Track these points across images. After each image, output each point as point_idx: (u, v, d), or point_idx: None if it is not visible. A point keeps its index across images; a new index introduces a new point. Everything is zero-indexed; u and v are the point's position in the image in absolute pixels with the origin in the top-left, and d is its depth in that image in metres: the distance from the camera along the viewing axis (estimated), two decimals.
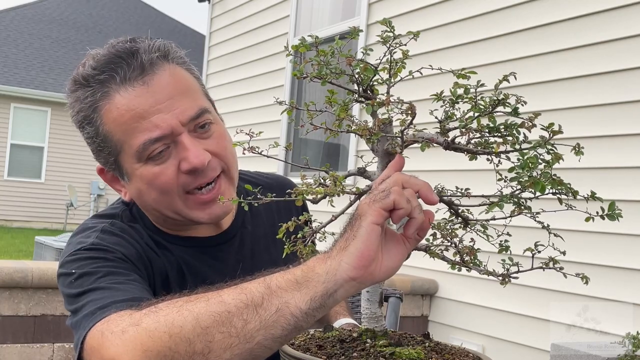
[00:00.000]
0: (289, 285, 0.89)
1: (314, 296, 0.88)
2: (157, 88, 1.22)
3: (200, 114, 1.25)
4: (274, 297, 0.89)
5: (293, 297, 0.88)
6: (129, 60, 1.22)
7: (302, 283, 0.89)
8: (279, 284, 0.90)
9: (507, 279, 0.96)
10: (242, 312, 0.90)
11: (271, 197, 0.97)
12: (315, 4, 6.20)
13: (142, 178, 1.25)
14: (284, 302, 0.89)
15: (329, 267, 0.88)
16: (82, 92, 1.25)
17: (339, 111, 0.93)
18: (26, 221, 16.25)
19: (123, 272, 1.18)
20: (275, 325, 0.89)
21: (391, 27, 0.91)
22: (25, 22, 18.89)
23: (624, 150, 3.36)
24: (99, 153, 1.29)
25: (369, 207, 0.88)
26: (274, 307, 0.89)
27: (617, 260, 3.33)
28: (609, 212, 0.87)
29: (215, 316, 0.90)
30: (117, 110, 1.21)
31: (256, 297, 0.90)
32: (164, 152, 1.23)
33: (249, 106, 6.77)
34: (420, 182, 0.91)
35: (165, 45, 1.28)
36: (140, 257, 1.26)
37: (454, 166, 3.77)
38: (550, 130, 0.87)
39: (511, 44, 3.99)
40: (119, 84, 1.22)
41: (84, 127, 1.28)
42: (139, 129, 1.21)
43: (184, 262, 1.32)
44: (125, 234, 1.28)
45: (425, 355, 0.91)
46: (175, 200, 1.25)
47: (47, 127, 16.46)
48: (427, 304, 4.46)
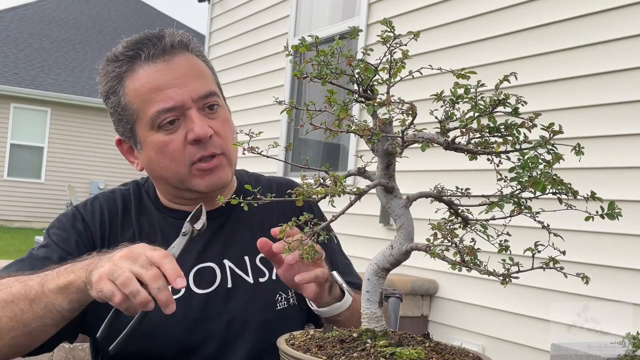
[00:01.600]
0: (54, 290, 1.20)
1: (72, 300, 1.20)
2: (175, 67, 1.40)
3: (209, 95, 1.42)
4: (43, 297, 1.20)
5: (57, 298, 1.20)
6: (155, 42, 1.41)
7: (63, 290, 1.19)
8: (49, 287, 1.20)
9: (508, 279, 0.96)
10: (19, 303, 1.21)
11: (271, 197, 0.97)
12: (315, 4, 6.20)
13: (153, 145, 1.41)
14: (50, 302, 1.20)
15: (78, 286, 1.19)
16: (111, 66, 1.43)
17: (338, 111, 0.93)
18: (26, 221, 16.25)
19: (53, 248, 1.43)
20: (45, 317, 1.21)
21: (391, 27, 0.91)
22: (25, 22, 18.89)
23: (624, 150, 3.36)
24: (119, 122, 1.46)
25: (96, 284, 1.15)
26: (42, 304, 1.20)
27: (617, 260, 3.33)
28: (609, 212, 0.87)
29: (1, 303, 1.22)
30: (139, 82, 1.39)
31: (31, 293, 1.21)
32: (174, 123, 1.39)
33: (248, 106, 6.77)
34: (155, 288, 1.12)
35: (188, 36, 1.47)
36: (102, 229, 1.47)
37: (454, 166, 3.77)
38: (550, 130, 0.87)
39: (511, 44, 3.99)
40: (143, 60, 1.40)
41: (109, 98, 1.45)
42: (155, 99, 1.38)
43: (160, 228, 1.49)
44: (107, 200, 1.50)
45: (426, 356, 0.91)
46: (180, 168, 1.41)
47: (47, 127, 16.47)
48: (427, 304, 4.46)
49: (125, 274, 1.10)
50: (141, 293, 1.10)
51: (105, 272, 1.13)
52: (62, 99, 16.36)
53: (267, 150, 0.96)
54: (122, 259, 1.15)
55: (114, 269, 1.12)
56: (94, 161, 16.89)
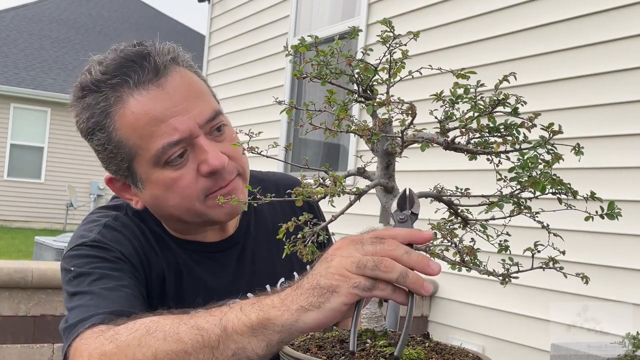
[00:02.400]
0: (245, 331, 0.91)
1: (270, 343, 0.91)
2: (171, 90, 1.20)
3: (216, 116, 1.24)
4: (230, 341, 0.92)
5: (250, 342, 0.91)
6: (141, 64, 1.20)
7: (257, 330, 0.91)
8: (235, 328, 0.92)
9: (508, 279, 0.96)
10: (198, 353, 0.93)
11: (271, 197, 0.97)
12: (315, 4, 6.20)
13: (159, 183, 1.23)
14: (241, 347, 0.92)
15: (285, 321, 0.89)
16: (93, 97, 1.21)
17: (338, 111, 0.93)
18: (26, 221, 16.25)
19: (117, 275, 1.19)
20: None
21: (391, 27, 0.91)
22: (25, 22, 18.89)
23: (624, 150, 3.36)
24: (110, 160, 1.26)
25: (345, 283, 0.86)
26: (230, 350, 0.92)
27: (617, 260, 3.33)
28: (609, 212, 0.87)
29: (171, 355, 0.94)
30: (133, 115, 1.19)
31: (212, 339, 0.92)
32: (182, 156, 1.21)
33: (248, 106, 6.77)
34: (415, 259, 0.87)
35: (174, 48, 1.26)
36: (138, 256, 1.26)
37: (453, 166, 3.77)
38: (550, 130, 0.87)
39: (511, 44, 3.99)
40: (132, 87, 1.19)
41: (94, 134, 1.24)
42: (157, 132, 1.19)
43: (184, 265, 1.31)
44: (126, 231, 1.28)
45: (426, 356, 0.91)
46: (194, 204, 1.24)
47: (47, 127, 16.47)
48: (427, 304, 4.46)
49: (385, 261, 0.86)
50: (409, 272, 0.87)
51: (345, 266, 0.87)
52: (62, 99, 16.34)
53: (267, 150, 0.96)
54: (351, 247, 0.89)
55: (359, 259, 0.87)
56: (94, 161, 16.81)
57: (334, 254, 0.89)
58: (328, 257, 0.90)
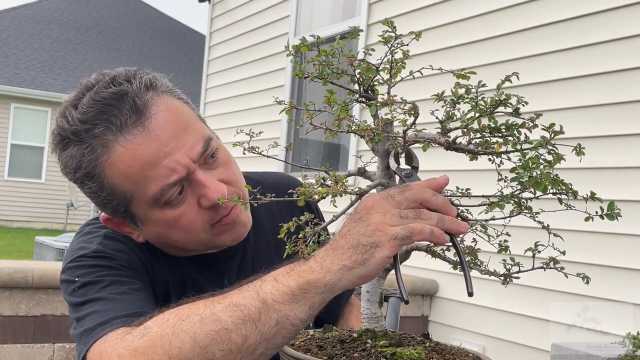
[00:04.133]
0: (286, 298, 0.91)
1: (313, 305, 0.91)
2: (158, 130, 1.15)
3: (208, 144, 1.20)
4: (271, 311, 0.91)
5: (292, 309, 0.91)
6: (119, 106, 1.14)
7: (298, 295, 0.91)
8: (275, 298, 0.91)
9: (509, 279, 0.96)
10: (240, 328, 0.92)
11: (270, 197, 0.97)
12: (316, 4, 6.20)
13: (161, 222, 1.20)
14: (284, 315, 0.91)
15: (328, 282, 0.90)
16: (77, 149, 1.16)
17: (339, 111, 0.93)
18: (26, 221, 16.25)
19: (127, 280, 1.17)
20: (277, 336, 0.92)
21: (393, 27, 0.91)
22: (25, 22, 18.89)
23: (624, 150, 3.36)
24: (106, 205, 1.22)
25: (385, 237, 0.88)
26: (273, 320, 0.91)
27: (617, 260, 3.33)
28: (609, 212, 0.88)
29: (212, 334, 0.92)
30: (123, 163, 1.14)
31: (253, 312, 0.92)
32: (181, 193, 1.18)
33: (249, 106, 6.77)
34: (442, 200, 0.91)
35: (150, 78, 1.19)
36: (143, 264, 1.24)
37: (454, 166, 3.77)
38: (551, 131, 0.87)
39: (511, 44, 3.99)
40: (116, 133, 1.13)
41: (84, 183, 1.20)
42: (152, 176, 1.15)
43: (187, 275, 1.30)
44: (128, 240, 1.26)
45: (426, 356, 0.91)
46: (199, 236, 1.23)
47: (47, 127, 16.46)
48: (428, 304, 4.46)
49: (423, 210, 0.90)
50: (444, 216, 0.90)
51: (386, 221, 0.88)
52: (63, 99, 16.32)
53: (267, 150, 0.96)
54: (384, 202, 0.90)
55: (399, 212, 0.89)
56: None
57: (369, 212, 0.90)
58: (363, 216, 0.90)
